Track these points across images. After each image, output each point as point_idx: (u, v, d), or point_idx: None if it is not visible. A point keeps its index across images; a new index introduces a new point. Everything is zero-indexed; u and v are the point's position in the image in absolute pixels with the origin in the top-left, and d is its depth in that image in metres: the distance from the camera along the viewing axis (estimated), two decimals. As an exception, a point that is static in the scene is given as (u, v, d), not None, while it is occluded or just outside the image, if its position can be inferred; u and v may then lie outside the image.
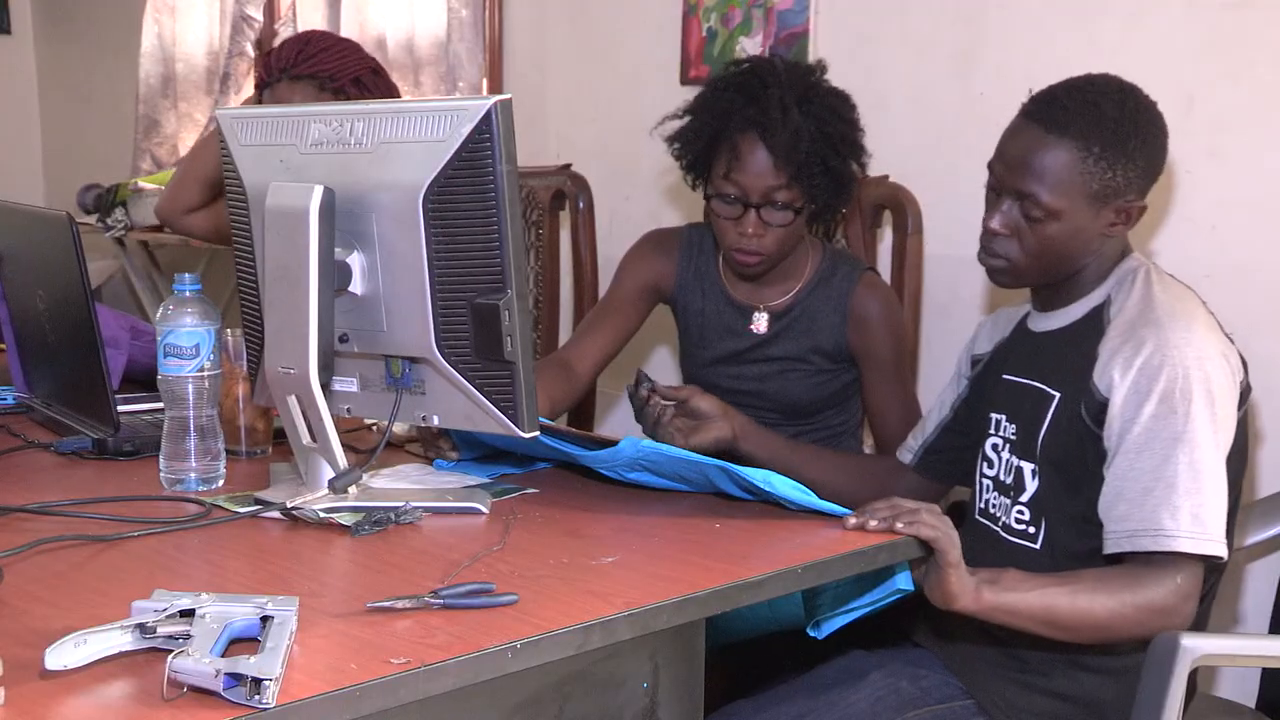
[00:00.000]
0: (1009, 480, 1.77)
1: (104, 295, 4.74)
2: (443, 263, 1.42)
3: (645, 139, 3.13)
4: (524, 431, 1.43)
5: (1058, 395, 1.70)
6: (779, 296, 2.20)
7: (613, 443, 1.55)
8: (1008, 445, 1.78)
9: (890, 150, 2.59)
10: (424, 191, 1.40)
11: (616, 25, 3.26)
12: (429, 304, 1.43)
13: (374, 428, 1.92)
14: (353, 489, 1.51)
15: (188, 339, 1.61)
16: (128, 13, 4.65)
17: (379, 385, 1.55)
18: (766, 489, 1.50)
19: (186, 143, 4.48)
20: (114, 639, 1.08)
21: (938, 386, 2.00)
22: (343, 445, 1.51)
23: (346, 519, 1.47)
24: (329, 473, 1.51)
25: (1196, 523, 1.55)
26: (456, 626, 1.16)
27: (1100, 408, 1.62)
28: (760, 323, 2.20)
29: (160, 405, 1.69)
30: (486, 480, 1.66)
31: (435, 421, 1.52)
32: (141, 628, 1.09)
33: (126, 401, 1.97)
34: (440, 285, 1.43)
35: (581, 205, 2.75)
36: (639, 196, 3.17)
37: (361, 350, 1.52)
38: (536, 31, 3.45)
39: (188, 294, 1.64)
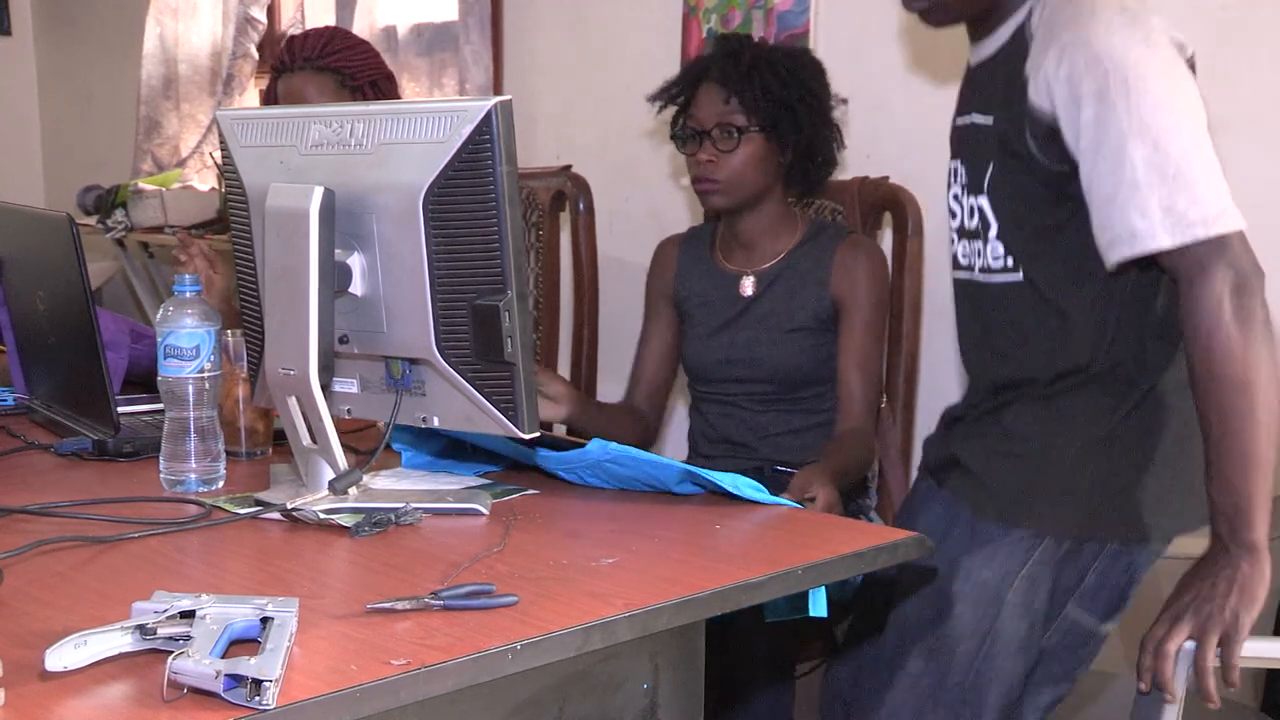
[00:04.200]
0: (974, 224, 1.75)
1: (104, 296, 4.74)
2: (443, 264, 1.42)
3: (645, 139, 3.13)
4: (524, 432, 1.43)
5: (990, 119, 1.69)
6: (766, 260, 2.28)
7: (579, 444, 1.55)
8: (964, 190, 1.77)
9: (890, 150, 2.60)
10: (424, 192, 1.40)
11: (616, 26, 3.26)
12: (429, 305, 1.43)
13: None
14: (353, 490, 1.51)
15: (188, 340, 1.61)
16: (128, 14, 4.65)
17: (379, 386, 1.55)
18: (735, 493, 1.52)
19: (189, 144, 4.48)
20: (114, 640, 1.08)
21: (937, 388, 2.01)
22: (343, 446, 1.51)
23: (346, 520, 1.47)
24: (329, 474, 1.51)
25: (1169, 214, 1.50)
26: (456, 628, 1.16)
27: (1049, 128, 1.59)
28: (748, 286, 2.28)
29: (160, 406, 1.69)
30: (485, 481, 1.66)
31: (435, 423, 1.52)
32: (142, 629, 1.09)
33: (127, 402, 1.97)
34: (440, 286, 1.43)
35: (582, 206, 2.75)
36: (639, 197, 3.17)
37: (362, 351, 1.52)
38: (536, 32, 3.45)
39: (188, 295, 1.64)
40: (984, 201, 1.72)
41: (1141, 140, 1.52)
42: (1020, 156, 1.64)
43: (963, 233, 1.79)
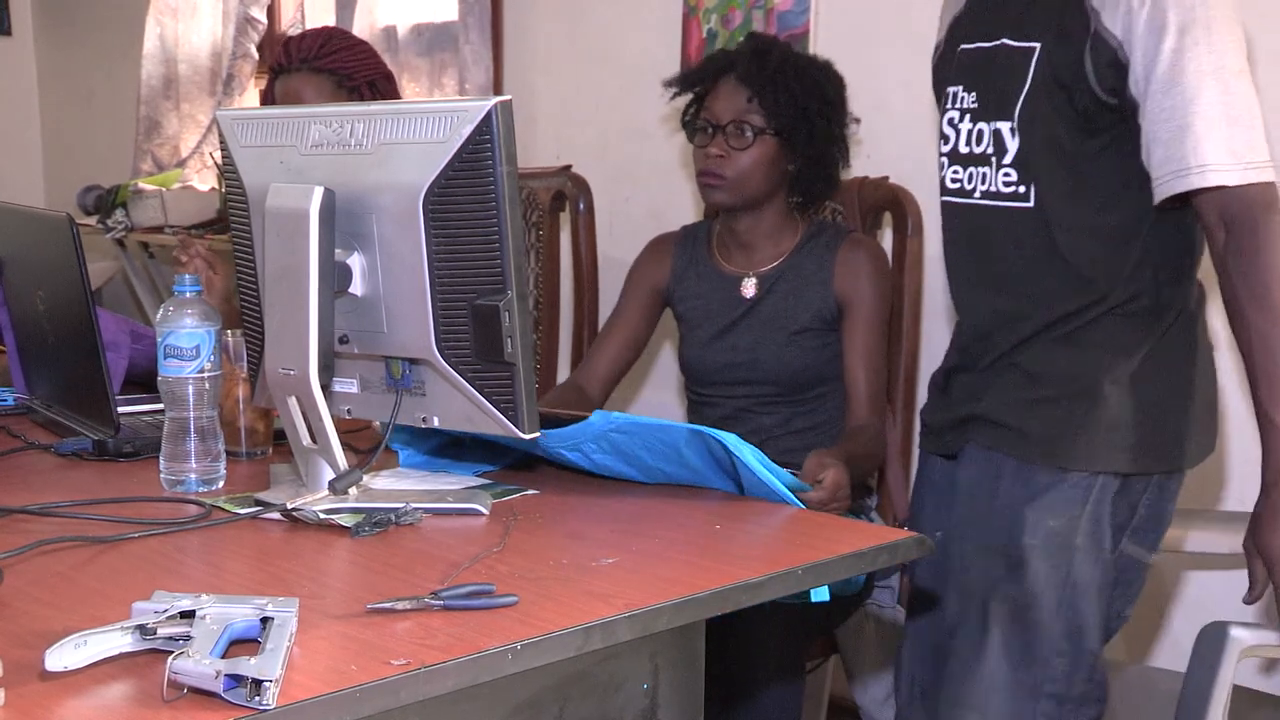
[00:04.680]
0: (982, 148, 1.78)
1: (104, 297, 4.73)
2: (443, 264, 1.42)
3: (645, 139, 3.13)
4: (524, 433, 1.43)
5: (1034, 44, 1.70)
6: (768, 263, 2.27)
7: (581, 418, 1.55)
8: (968, 115, 1.80)
9: (890, 150, 2.60)
10: (424, 192, 1.40)
11: (616, 26, 3.26)
12: (429, 305, 1.43)
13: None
14: (353, 490, 1.51)
15: (188, 340, 1.61)
16: (128, 14, 4.65)
17: (379, 386, 1.55)
18: (736, 453, 1.51)
19: (189, 144, 4.49)
20: (114, 640, 1.08)
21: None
22: (343, 446, 1.51)
23: (347, 520, 1.47)
24: (329, 474, 1.51)
25: (1233, 155, 1.59)
26: (456, 628, 1.16)
27: (1114, 56, 1.63)
28: (749, 287, 2.27)
29: (160, 406, 1.69)
30: (485, 481, 1.66)
31: (435, 423, 1.52)
32: (142, 629, 1.09)
33: (127, 402, 1.97)
34: (440, 286, 1.43)
35: (582, 206, 2.76)
36: (639, 197, 3.17)
37: (362, 351, 1.52)
38: (536, 32, 3.45)
39: (188, 295, 1.64)
40: (1004, 126, 1.74)
41: (1216, 79, 1.59)
42: (1066, 85, 1.68)
43: (958, 157, 1.82)
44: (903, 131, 2.63)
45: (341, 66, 2.53)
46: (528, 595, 1.23)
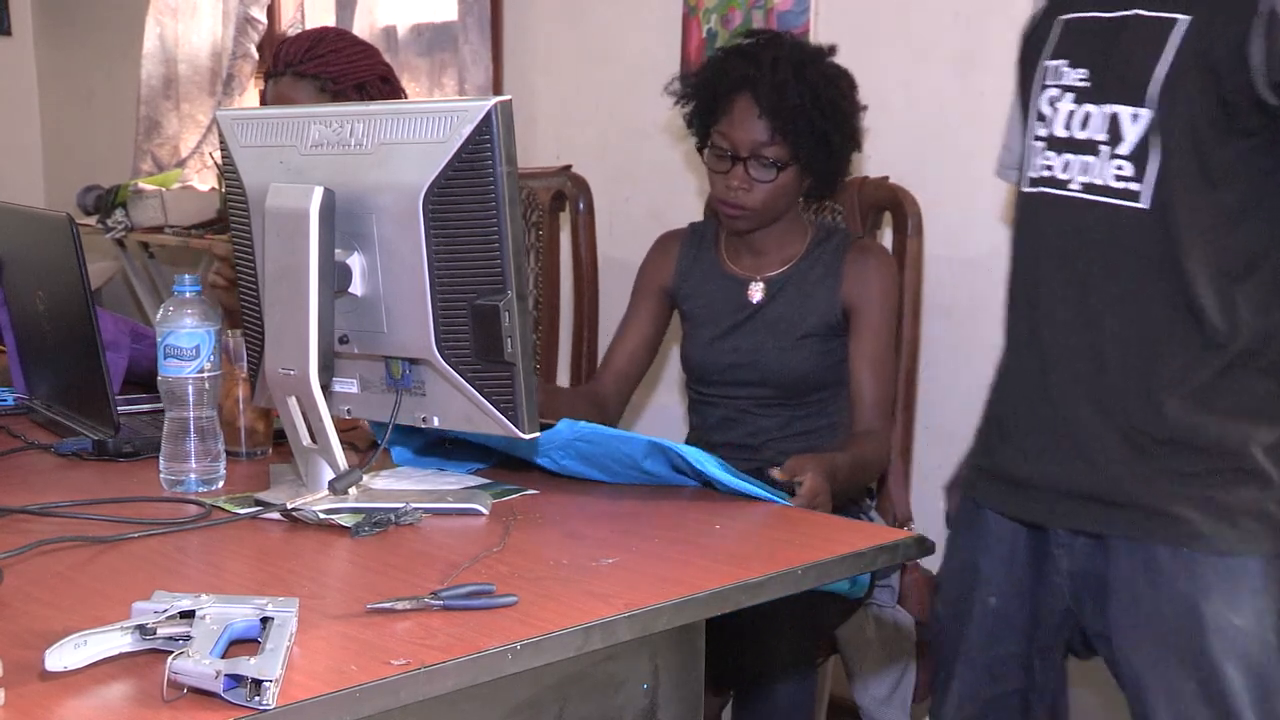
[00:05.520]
0: (1086, 133, 1.55)
1: (104, 297, 4.73)
2: (443, 264, 1.42)
3: (645, 139, 3.13)
4: (524, 433, 1.43)
5: (1186, 17, 1.45)
6: (775, 267, 2.25)
7: (548, 425, 1.55)
8: (1070, 94, 1.56)
9: (890, 150, 2.59)
10: (424, 192, 1.40)
11: (616, 26, 3.26)
12: (429, 305, 1.44)
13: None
14: (353, 490, 1.51)
15: (188, 340, 1.61)
16: (128, 14, 4.65)
17: (379, 386, 1.55)
18: (699, 467, 1.52)
19: (189, 144, 4.49)
20: (114, 640, 1.08)
21: (937, 388, 2.00)
22: (343, 446, 1.51)
23: (347, 520, 1.47)
24: (329, 474, 1.51)
25: None
26: (456, 628, 1.16)
27: None
28: (756, 291, 2.25)
29: (160, 406, 1.69)
30: (485, 481, 1.66)
31: (435, 423, 1.52)
32: (142, 629, 1.09)
33: (126, 402, 1.97)
34: (440, 286, 1.43)
35: (582, 206, 2.75)
36: (639, 197, 3.17)
37: (362, 351, 1.53)
38: (536, 32, 3.45)
39: (188, 295, 1.64)
40: (1124, 110, 1.50)
41: None
42: (1216, 70, 1.44)
43: (1054, 141, 1.58)
44: (903, 131, 2.63)
45: (324, 71, 2.49)
46: (528, 595, 1.23)
